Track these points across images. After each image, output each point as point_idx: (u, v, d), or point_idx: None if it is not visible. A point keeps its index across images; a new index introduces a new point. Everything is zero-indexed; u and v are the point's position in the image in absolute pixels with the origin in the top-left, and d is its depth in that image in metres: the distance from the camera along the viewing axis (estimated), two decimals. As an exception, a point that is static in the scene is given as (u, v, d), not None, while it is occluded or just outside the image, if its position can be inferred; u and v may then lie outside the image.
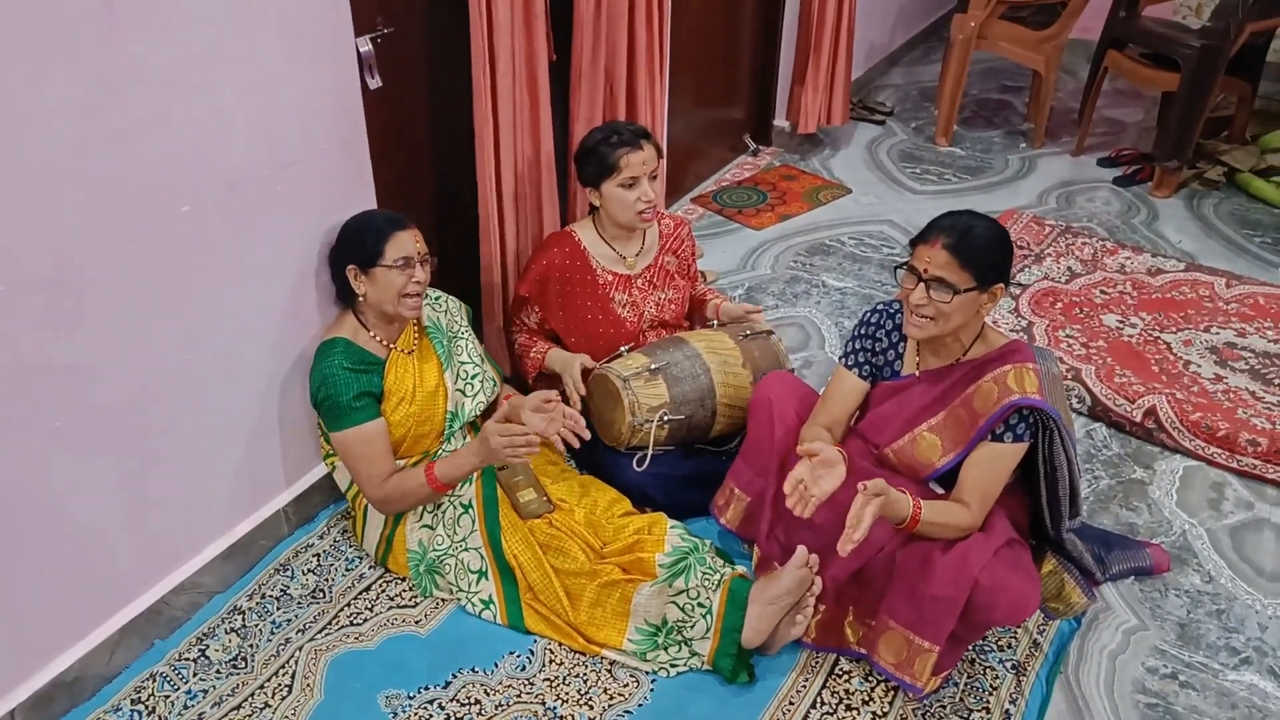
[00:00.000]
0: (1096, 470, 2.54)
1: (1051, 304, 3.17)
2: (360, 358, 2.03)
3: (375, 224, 2.02)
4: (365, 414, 2.00)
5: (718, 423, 2.31)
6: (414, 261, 2.00)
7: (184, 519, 2.02)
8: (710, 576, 1.98)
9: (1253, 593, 2.19)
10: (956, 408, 1.88)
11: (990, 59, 5.14)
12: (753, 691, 1.92)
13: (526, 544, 2.03)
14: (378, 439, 2.02)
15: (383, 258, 1.98)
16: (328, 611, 2.07)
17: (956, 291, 1.78)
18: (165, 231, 1.75)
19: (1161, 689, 1.97)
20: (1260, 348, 2.94)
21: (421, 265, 2.02)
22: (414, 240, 2.01)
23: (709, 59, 3.80)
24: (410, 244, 2.00)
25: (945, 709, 1.91)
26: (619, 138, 2.29)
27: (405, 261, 1.99)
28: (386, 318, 2.06)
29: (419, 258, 2.01)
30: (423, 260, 2.02)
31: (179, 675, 1.93)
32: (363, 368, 2.02)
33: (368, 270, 2.00)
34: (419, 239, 2.03)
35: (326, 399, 1.99)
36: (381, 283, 1.99)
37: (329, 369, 1.99)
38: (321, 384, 1.99)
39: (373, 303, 2.03)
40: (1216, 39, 3.68)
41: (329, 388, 1.98)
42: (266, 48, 1.83)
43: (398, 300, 2.01)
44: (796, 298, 3.28)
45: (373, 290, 2.01)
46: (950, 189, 4.07)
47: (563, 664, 1.96)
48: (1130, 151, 4.34)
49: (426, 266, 2.04)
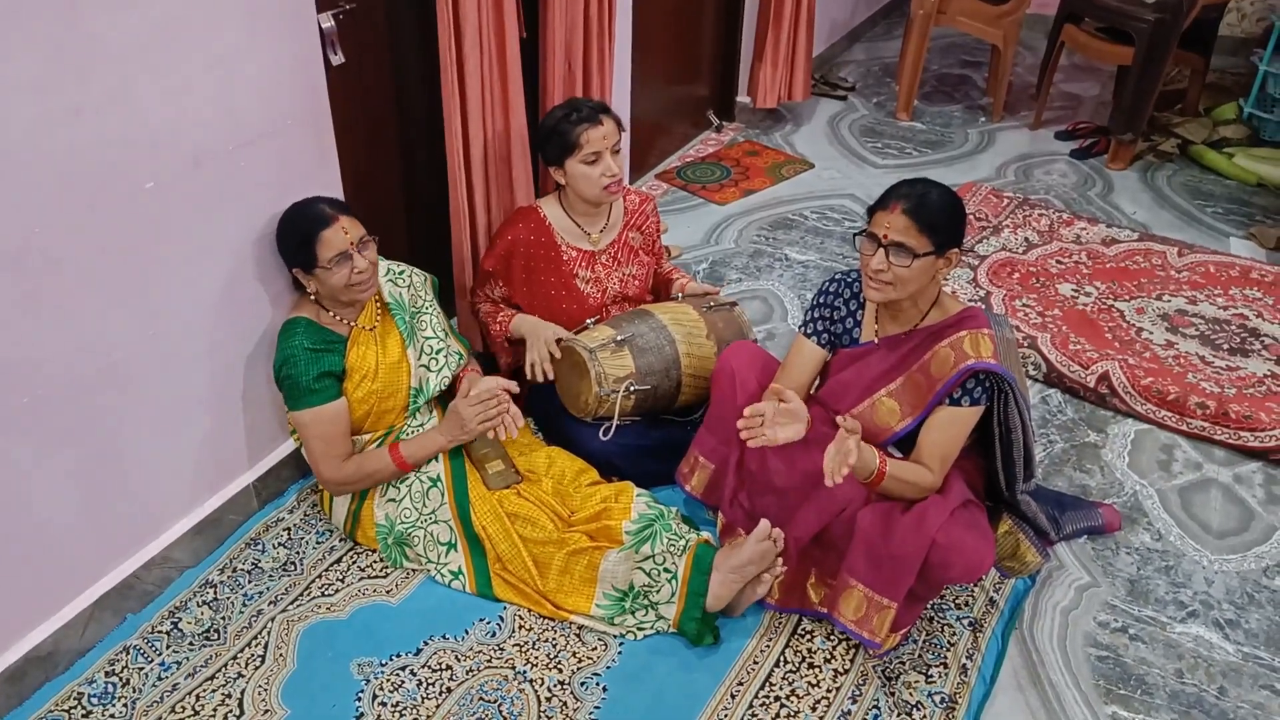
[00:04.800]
0: (1051, 434, 2.61)
1: (1009, 274, 3.23)
2: (322, 337, 2.04)
3: (301, 229, 1.97)
4: (325, 395, 2.01)
5: (683, 393, 2.35)
6: (350, 254, 1.97)
7: (153, 494, 2.03)
8: (676, 542, 2.03)
9: (1200, 549, 2.27)
10: (914, 373, 1.93)
11: (950, 34, 5.19)
12: (718, 653, 1.97)
13: (495, 515, 2.06)
14: (337, 420, 2.03)
15: (317, 261, 1.96)
16: (299, 583, 2.09)
17: (915, 255, 1.82)
18: (128, 208, 1.75)
19: (1112, 642, 2.04)
20: (1210, 314, 3.03)
21: (360, 252, 1.99)
22: (343, 232, 1.96)
23: (673, 36, 3.82)
24: (340, 239, 1.96)
25: (905, 665, 1.97)
26: (578, 114, 2.30)
27: (341, 257, 1.96)
28: (343, 303, 2.07)
29: (354, 247, 1.98)
30: (360, 247, 1.99)
31: (152, 648, 1.95)
32: (324, 347, 2.03)
33: (310, 272, 2.00)
34: (349, 227, 1.97)
35: (287, 378, 2.00)
36: (325, 280, 1.99)
37: (291, 349, 2.00)
38: (283, 363, 2.00)
39: (324, 295, 2.04)
40: (1169, 13, 3.75)
41: (290, 367, 1.99)
42: (227, 23, 1.82)
43: (346, 290, 2.00)
44: (760, 271, 3.32)
45: (321, 286, 2.02)
46: (911, 163, 4.13)
47: (532, 629, 2.00)
48: (1086, 125, 4.42)
49: (368, 249, 2.01)
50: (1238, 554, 2.26)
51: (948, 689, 1.92)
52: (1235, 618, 2.10)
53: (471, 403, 2.04)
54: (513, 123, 2.54)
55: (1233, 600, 2.14)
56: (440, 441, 2.07)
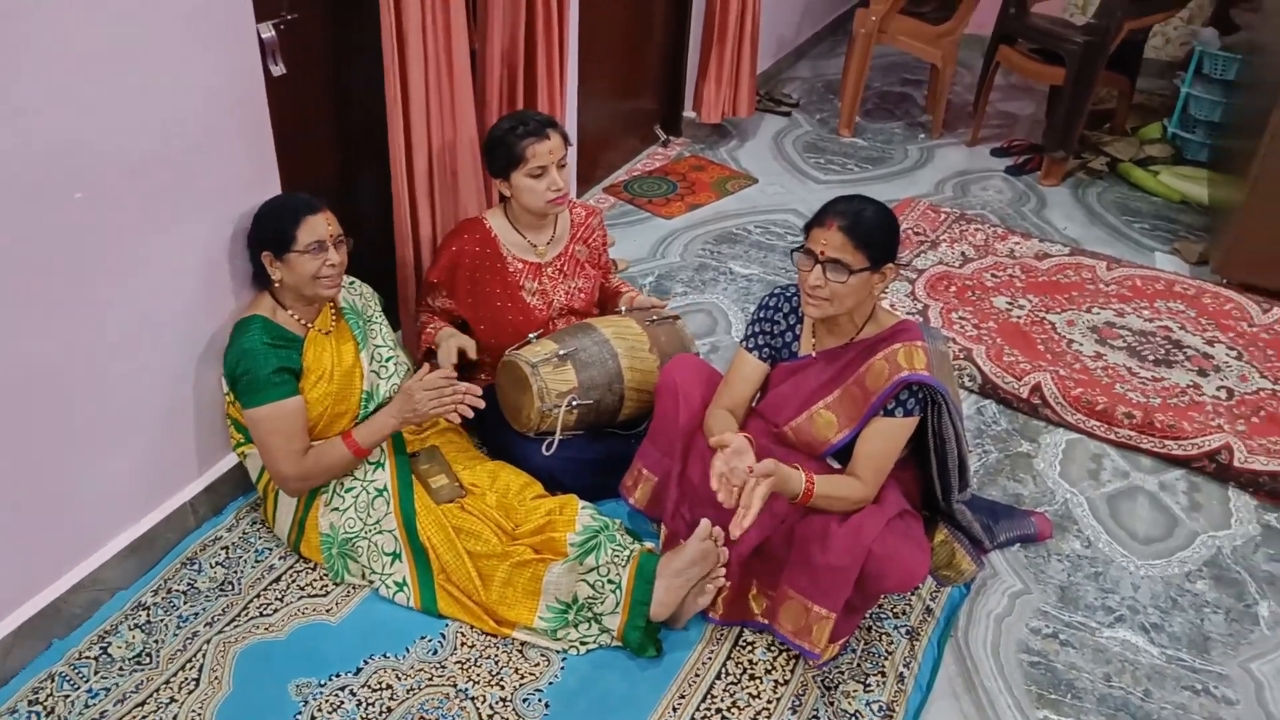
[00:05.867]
0: (986, 445, 2.67)
1: (946, 288, 3.31)
2: (279, 334, 2.03)
3: (287, 209, 2.02)
4: (284, 390, 2.00)
5: (625, 406, 2.37)
6: (327, 244, 2.01)
7: (83, 514, 1.98)
8: (620, 553, 2.04)
9: (1127, 555, 2.34)
10: (850, 386, 1.96)
11: (891, 53, 5.30)
12: (660, 665, 1.98)
13: (440, 526, 2.05)
14: (295, 415, 2.02)
15: (295, 243, 1.98)
16: (236, 604, 2.06)
17: (851, 271, 1.86)
18: (61, 217, 1.72)
19: (1044, 648, 2.09)
20: (1137, 326, 3.12)
21: (336, 247, 2.03)
22: (326, 223, 2.02)
23: (620, 51, 3.85)
24: (323, 227, 2.01)
25: (844, 674, 2.00)
26: (525, 128, 2.31)
27: (319, 245, 1.99)
28: (304, 299, 2.07)
29: (332, 240, 2.02)
30: (337, 242, 2.03)
31: (79, 674, 1.90)
32: (282, 344, 2.02)
33: (282, 256, 2.00)
34: (332, 221, 2.03)
35: (245, 374, 1.98)
36: (296, 267, 2.00)
37: (248, 343, 1.98)
38: (240, 359, 1.98)
39: (289, 286, 2.04)
40: (1098, 35, 3.88)
41: (248, 362, 1.97)
42: (163, 31, 1.80)
43: (313, 283, 2.01)
44: (705, 284, 3.35)
45: (288, 274, 2.02)
46: (852, 179, 4.20)
47: (474, 646, 2.00)
48: (1021, 142, 4.54)
49: (342, 248, 2.05)
50: (1162, 559, 2.33)
51: (885, 698, 1.95)
52: (1160, 621, 2.16)
53: (425, 385, 2.04)
54: (461, 134, 2.54)
55: (1157, 605, 2.21)
56: (391, 423, 2.07)
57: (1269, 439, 2.61)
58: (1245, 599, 2.23)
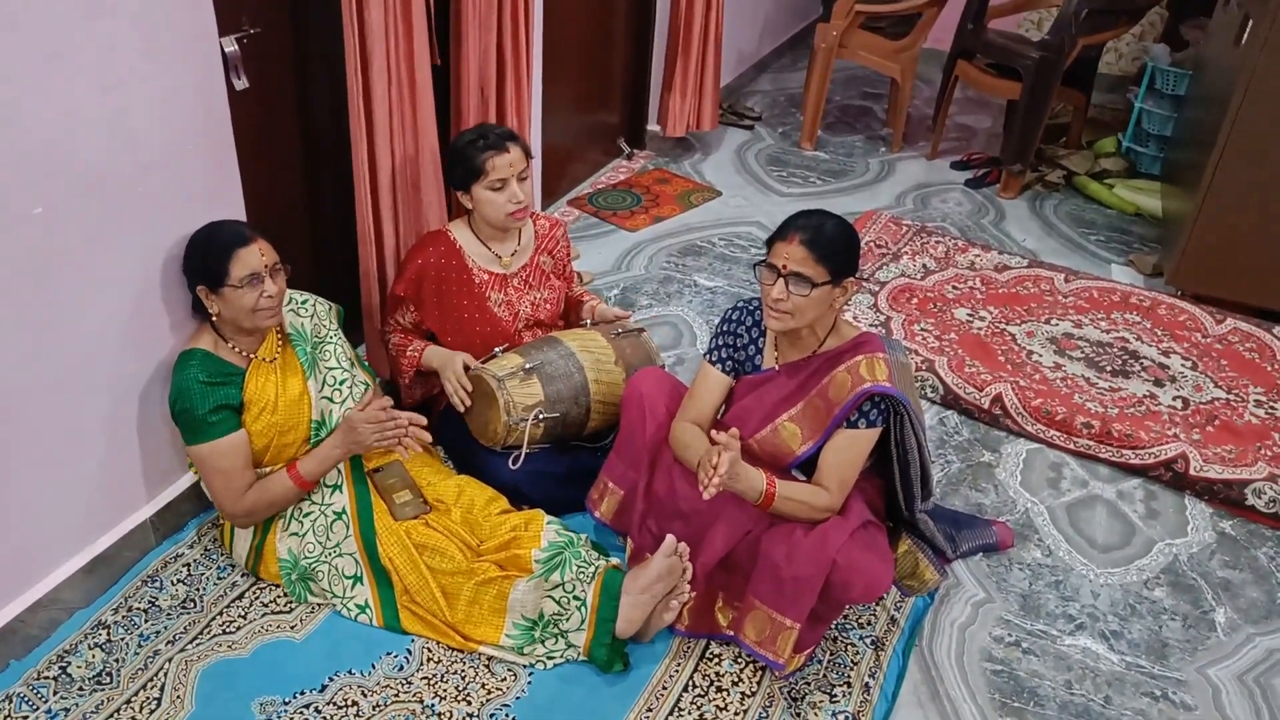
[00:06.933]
0: (948, 455, 2.71)
1: (908, 300, 3.35)
2: (218, 369, 2.00)
3: (217, 243, 1.95)
4: (222, 428, 1.97)
5: (592, 419, 2.37)
6: (262, 276, 1.95)
7: (39, 532, 1.95)
8: (585, 570, 2.03)
9: (1086, 563, 2.38)
10: (814, 398, 1.98)
11: (852, 67, 5.36)
12: (627, 679, 1.98)
13: (402, 547, 2.03)
14: (235, 453, 1.99)
15: (229, 277, 1.93)
16: (199, 621, 2.03)
17: (814, 285, 1.88)
18: (14, 233, 1.70)
19: (1006, 656, 2.12)
20: (1094, 337, 3.18)
21: (272, 277, 1.97)
22: (260, 254, 1.95)
23: (583, 65, 3.86)
24: (255, 259, 1.94)
25: (810, 685, 2.01)
26: (485, 141, 2.32)
27: (253, 278, 1.94)
28: (244, 330, 2.03)
29: (268, 270, 1.96)
30: (273, 272, 1.98)
31: (38, 695, 1.86)
32: (220, 380, 1.99)
33: (216, 290, 1.96)
34: (266, 250, 1.97)
35: (183, 412, 1.95)
36: (232, 301, 1.95)
37: (184, 382, 1.95)
38: (178, 397, 1.96)
39: (227, 319, 2.00)
40: (1053, 51, 3.96)
41: (185, 400, 1.95)
42: (123, 45, 1.78)
43: (250, 315, 1.97)
44: (669, 297, 3.37)
45: (225, 308, 1.97)
46: (815, 191, 4.25)
47: (440, 662, 1.98)
48: (980, 155, 4.61)
49: (280, 276, 2.00)
50: (1120, 567, 2.37)
51: (851, 708, 1.97)
52: (1119, 629, 2.20)
53: (367, 418, 2.00)
54: (423, 147, 2.54)
55: (1116, 612, 2.25)
56: (336, 454, 2.04)
57: (1223, 448, 2.67)
58: (1202, 605, 2.28)
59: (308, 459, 2.03)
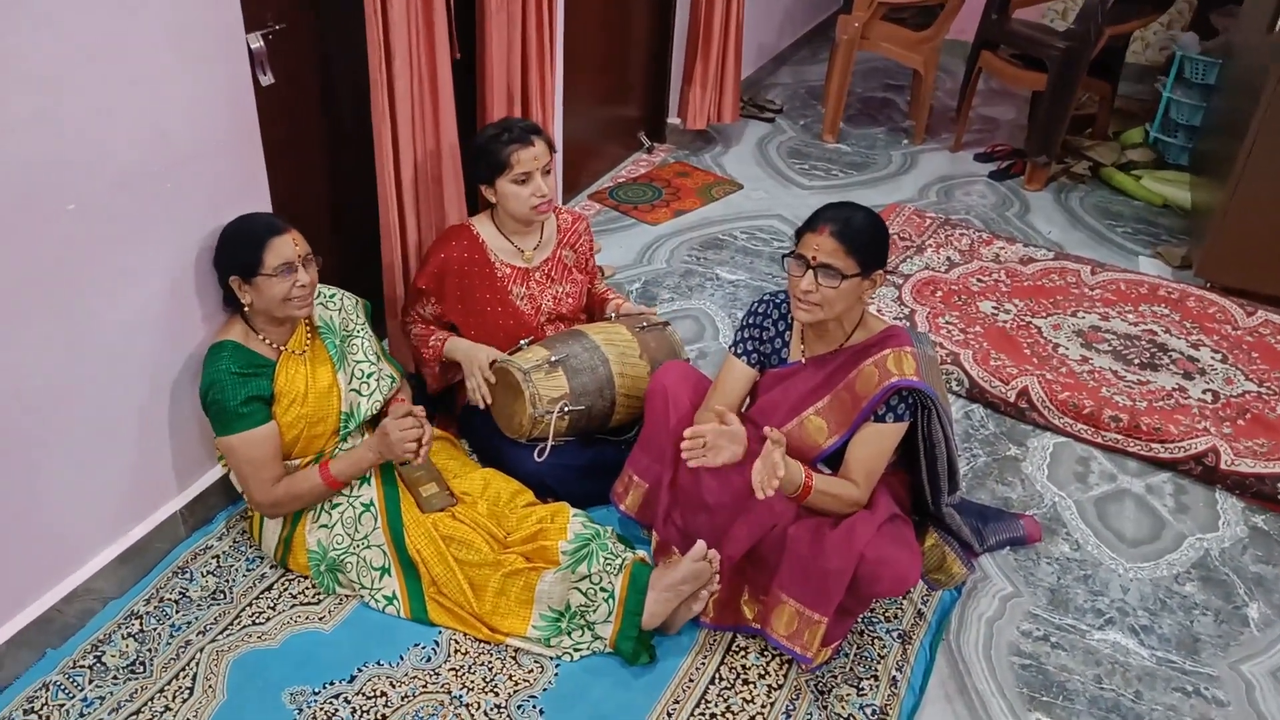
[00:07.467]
0: (974, 448, 2.69)
1: (932, 293, 3.33)
2: (249, 361, 2.01)
3: (251, 232, 1.98)
4: (253, 419, 1.99)
5: (616, 412, 2.37)
6: (296, 266, 1.97)
7: (74, 524, 1.97)
8: (612, 562, 2.04)
9: (1115, 558, 2.36)
10: (840, 391, 1.98)
11: (874, 59, 5.34)
12: (654, 672, 1.99)
13: (429, 539, 2.04)
14: (266, 444, 2.01)
15: (263, 266, 1.95)
16: (229, 612, 2.05)
17: (843, 277, 1.87)
18: (49, 230, 1.71)
19: (1034, 650, 2.11)
20: (1122, 330, 3.15)
21: (305, 267, 1.99)
22: (294, 243, 1.97)
23: (605, 59, 3.86)
24: (289, 248, 1.97)
25: (836, 678, 2.01)
26: (509, 135, 2.32)
27: (287, 267, 1.96)
28: (276, 321, 2.05)
29: (300, 260, 1.98)
30: (305, 262, 2.00)
31: (73, 683, 1.89)
32: (251, 371, 2.00)
33: (250, 280, 1.97)
34: (299, 241, 1.99)
35: (214, 403, 1.97)
36: (265, 290, 1.97)
37: (216, 373, 1.97)
38: (209, 388, 1.97)
39: (259, 309, 2.01)
40: (1078, 41, 3.92)
41: (216, 392, 1.96)
42: (153, 43, 1.80)
43: (283, 305, 1.99)
44: (691, 290, 3.36)
45: (257, 298, 1.99)
46: (836, 184, 4.23)
47: (468, 653, 1.99)
48: (1004, 147, 4.58)
49: (311, 267, 2.02)
50: (1150, 562, 2.35)
51: (878, 701, 1.96)
52: (1149, 623, 2.18)
53: (399, 427, 2.02)
54: (444, 142, 2.54)
55: (1146, 606, 2.23)
56: (369, 458, 2.05)
57: (1255, 441, 2.64)
58: (1234, 600, 2.26)
59: (340, 460, 2.04)
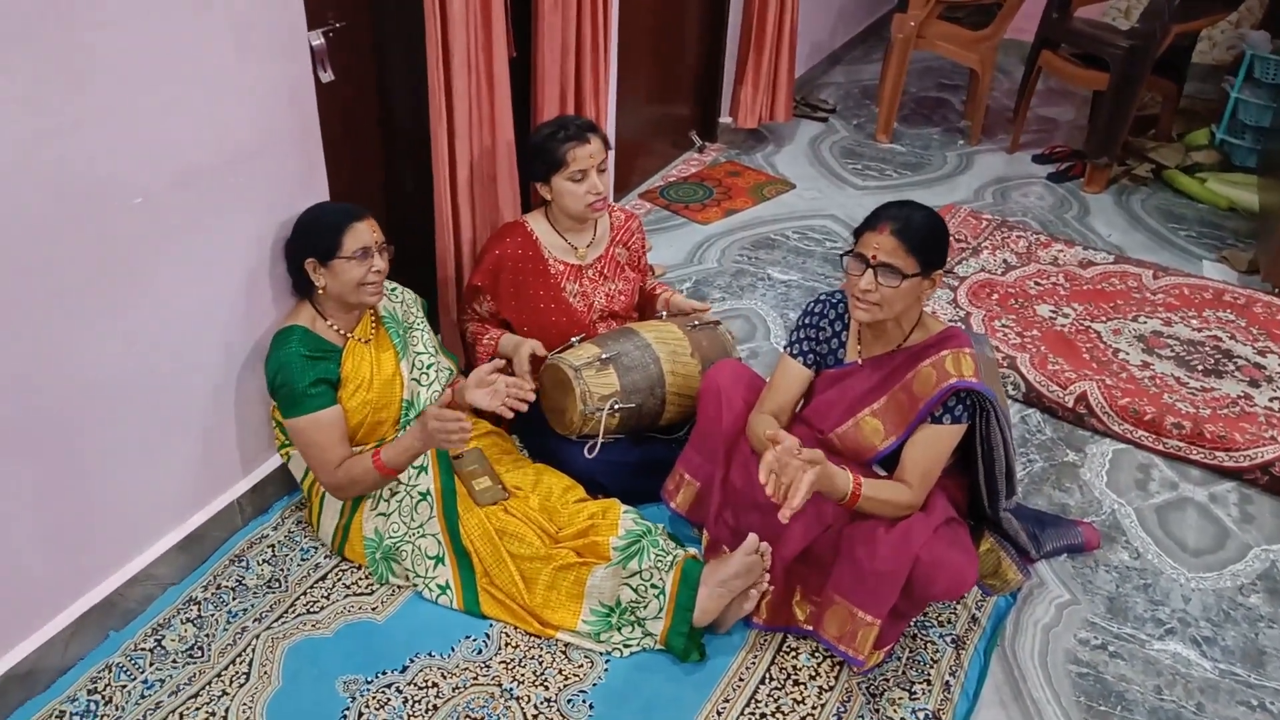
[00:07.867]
0: (1031, 453, 2.64)
1: (988, 295, 3.28)
2: (317, 345, 2.05)
3: (331, 216, 2.04)
4: (320, 401, 2.02)
5: (667, 411, 2.37)
6: (372, 251, 2.03)
7: (137, 511, 2.02)
8: (663, 558, 2.04)
9: (1177, 567, 2.30)
10: (897, 392, 1.95)
11: (929, 58, 5.27)
12: (704, 669, 1.98)
13: (483, 530, 2.06)
14: (332, 426, 2.04)
15: (341, 249, 2.00)
16: (284, 600, 2.09)
17: (903, 276, 1.85)
18: (117, 224, 1.75)
19: (1092, 659, 2.06)
20: (1185, 336, 3.08)
21: (380, 254, 2.04)
22: (371, 230, 2.03)
23: (656, 57, 3.86)
24: (367, 234, 2.03)
25: (888, 682, 1.98)
26: (565, 132, 2.33)
27: (364, 252, 2.01)
28: (346, 307, 2.09)
29: (376, 247, 2.04)
30: (380, 249, 2.05)
31: (135, 665, 1.93)
32: (320, 354, 2.04)
33: (326, 263, 2.01)
34: (375, 228, 2.05)
35: (283, 385, 2.00)
36: (340, 274, 2.01)
37: (285, 356, 2.00)
38: (278, 370, 2.01)
39: (332, 294, 2.05)
40: (1143, 40, 3.83)
41: (285, 374, 1.99)
42: (218, 40, 1.83)
43: (357, 290, 2.03)
44: (743, 290, 3.35)
45: (332, 282, 2.03)
46: (890, 184, 4.18)
47: (518, 647, 2.00)
48: (1063, 149, 4.49)
49: (385, 255, 2.06)
50: (1213, 572, 2.29)
51: (931, 706, 1.93)
52: (1212, 635, 2.13)
53: (437, 416, 1.98)
54: (499, 140, 2.56)
55: (1209, 618, 2.17)
56: (416, 446, 2.04)
57: (1322, 450, 2.56)
58: (1299, 613, 2.20)
59: (390, 448, 2.06)
